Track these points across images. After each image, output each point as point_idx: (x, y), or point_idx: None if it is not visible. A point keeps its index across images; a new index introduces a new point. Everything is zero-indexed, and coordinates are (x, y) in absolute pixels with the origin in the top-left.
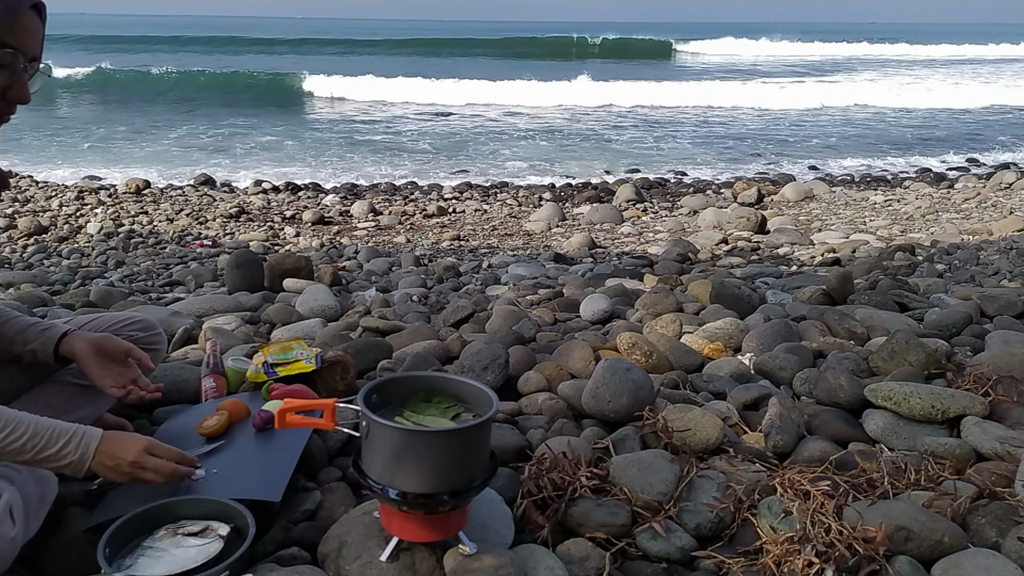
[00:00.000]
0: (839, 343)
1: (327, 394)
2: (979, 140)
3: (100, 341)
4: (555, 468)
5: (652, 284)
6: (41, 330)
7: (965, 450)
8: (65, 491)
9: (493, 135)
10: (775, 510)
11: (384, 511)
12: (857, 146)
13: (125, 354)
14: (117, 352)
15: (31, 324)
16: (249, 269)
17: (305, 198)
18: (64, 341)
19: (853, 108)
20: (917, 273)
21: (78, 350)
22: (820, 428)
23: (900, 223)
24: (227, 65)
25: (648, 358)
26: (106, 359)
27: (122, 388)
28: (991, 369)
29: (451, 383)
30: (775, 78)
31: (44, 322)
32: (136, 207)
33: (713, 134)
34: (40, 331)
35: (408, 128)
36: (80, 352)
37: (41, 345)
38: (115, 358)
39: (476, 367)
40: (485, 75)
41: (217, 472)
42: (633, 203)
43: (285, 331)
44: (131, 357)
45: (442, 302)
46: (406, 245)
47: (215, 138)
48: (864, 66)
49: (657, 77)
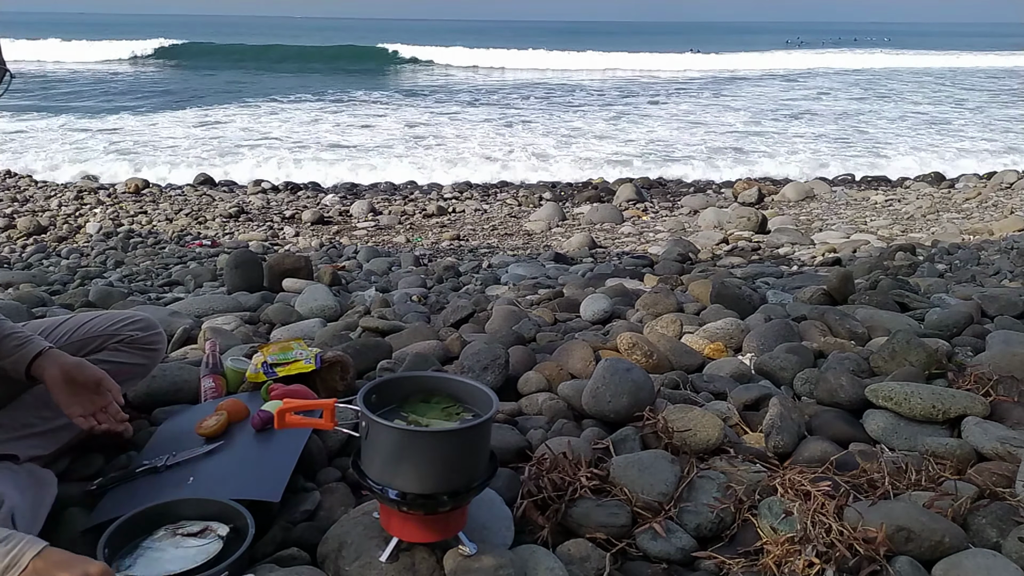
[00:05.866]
0: (840, 343)
1: (326, 394)
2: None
3: (72, 369)
4: (555, 468)
5: (652, 284)
6: (16, 345)
7: (966, 450)
8: (65, 491)
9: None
10: (776, 510)
11: (383, 511)
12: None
13: (96, 383)
14: (89, 381)
15: (7, 335)
16: (248, 269)
17: (304, 198)
18: (36, 363)
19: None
20: (918, 273)
21: (48, 376)
22: (821, 428)
23: (901, 223)
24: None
25: (648, 358)
26: (77, 387)
27: (88, 418)
28: (992, 369)
29: (451, 383)
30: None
31: (22, 334)
32: (135, 207)
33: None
34: (15, 346)
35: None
36: (50, 378)
37: (12, 364)
38: (86, 386)
39: (476, 367)
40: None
41: (215, 472)
42: (633, 203)
43: (284, 331)
44: (102, 387)
45: (442, 302)
46: (406, 245)
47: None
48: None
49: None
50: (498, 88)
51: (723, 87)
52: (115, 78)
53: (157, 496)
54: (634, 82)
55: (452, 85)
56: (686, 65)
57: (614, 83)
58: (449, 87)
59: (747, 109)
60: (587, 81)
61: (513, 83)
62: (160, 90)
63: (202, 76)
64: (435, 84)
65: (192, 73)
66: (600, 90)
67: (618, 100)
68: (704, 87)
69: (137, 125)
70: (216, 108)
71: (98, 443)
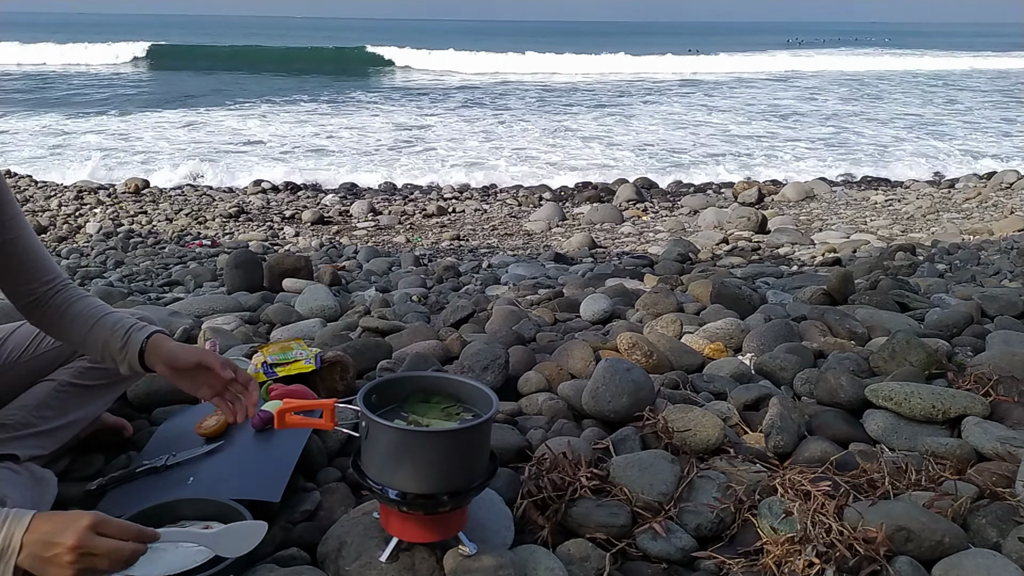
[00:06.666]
0: (840, 343)
1: (326, 394)
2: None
3: (172, 360)
4: (555, 468)
5: (652, 284)
6: (119, 348)
7: (966, 450)
8: (65, 491)
9: None
10: (776, 510)
11: (383, 511)
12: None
13: (196, 364)
14: (190, 365)
15: (113, 332)
16: (248, 269)
17: (304, 198)
18: (144, 360)
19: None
20: (918, 273)
21: (160, 372)
22: (821, 428)
23: (901, 223)
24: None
25: (648, 358)
26: (188, 373)
27: (224, 401)
28: (992, 369)
29: (451, 383)
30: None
31: (121, 330)
32: (135, 207)
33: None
34: (119, 348)
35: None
36: (162, 373)
37: (128, 367)
38: (195, 369)
39: (476, 367)
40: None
41: (215, 472)
42: (633, 203)
43: (284, 331)
44: (202, 365)
45: (442, 302)
46: (406, 245)
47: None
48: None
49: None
50: (494, 89)
51: (723, 88)
52: (116, 79)
53: (157, 496)
54: (633, 83)
55: (451, 85)
56: (686, 66)
57: (614, 84)
58: (446, 88)
59: (747, 109)
60: (587, 83)
61: (512, 84)
62: (150, 90)
63: (202, 77)
64: (431, 86)
65: (191, 74)
66: (597, 92)
67: (618, 100)
68: (702, 88)
69: (120, 126)
70: (214, 109)
71: (98, 443)
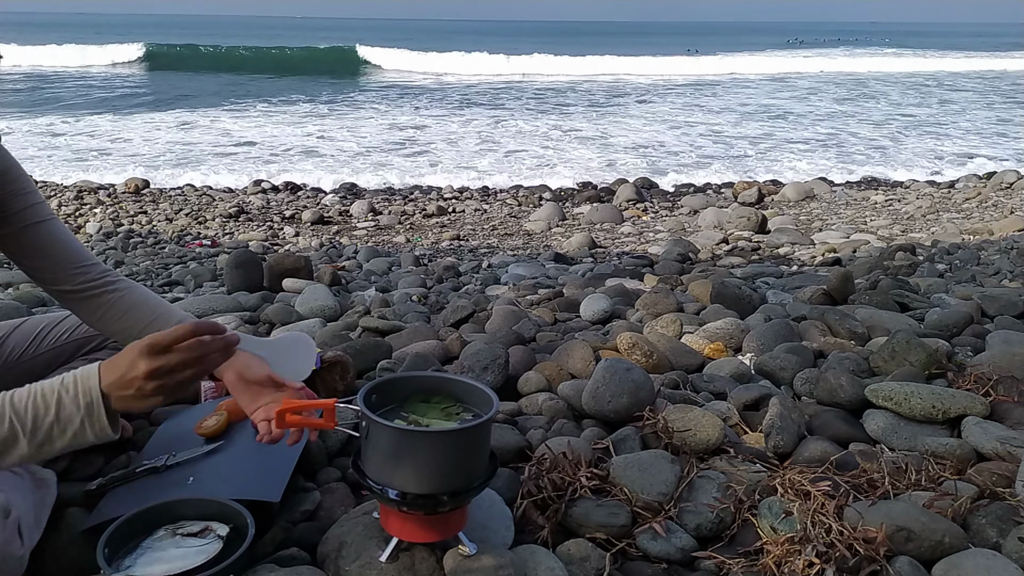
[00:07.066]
0: (840, 343)
1: (327, 394)
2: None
3: (244, 369)
4: (555, 468)
5: (652, 284)
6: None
7: (966, 450)
8: (65, 491)
9: None
10: (775, 510)
11: (383, 511)
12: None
13: (265, 379)
14: (259, 379)
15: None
16: (248, 269)
17: (304, 198)
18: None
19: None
20: (918, 273)
21: (226, 380)
22: (820, 428)
23: (901, 223)
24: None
25: (648, 358)
26: (254, 386)
27: (269, 423)
28: (992, 369)
29: (451, 383)
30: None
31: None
32: (135, 207)
33: None
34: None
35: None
36: (228, 382)
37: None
38: (261, 384)
39: (476, 367)
40: None
41: (215, 472)
42: (633, 203)
43: (284, 331)
44: (271, 382)
45: (442, 302)
46: (406, 245)
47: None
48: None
49: None
50: (491, 90)
51: (722, 89)
52: (114, 80)
53: (157, 496)
54: (633, 84)
55: (448, 87)
56: (686, 66)
57: (615, 85)
58: (443, 89)
59: (745, 110)
60: (590, 83)
61: (509, 85)
62: (144, 91)
63: (200, 78)
64: (428, 86)
65: (188, 76)
66: (595, 92)
67: (616, 101)
68: (700, 90)
69: (111, 127)
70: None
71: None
